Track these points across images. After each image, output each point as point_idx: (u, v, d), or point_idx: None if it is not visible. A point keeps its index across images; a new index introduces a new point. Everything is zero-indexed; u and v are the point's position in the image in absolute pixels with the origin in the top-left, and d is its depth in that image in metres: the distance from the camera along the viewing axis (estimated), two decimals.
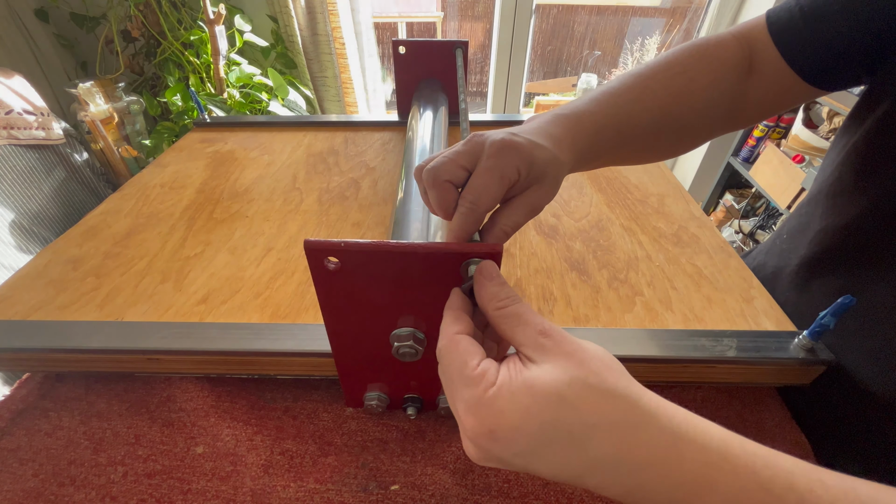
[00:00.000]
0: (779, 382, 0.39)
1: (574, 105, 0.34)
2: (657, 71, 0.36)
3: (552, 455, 0.18)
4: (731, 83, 0.37)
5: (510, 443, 0.19)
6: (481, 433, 0.19)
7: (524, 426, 0.18)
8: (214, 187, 0.59)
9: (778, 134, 1.54)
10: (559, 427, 0.18)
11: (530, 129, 0.30)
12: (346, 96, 1.45)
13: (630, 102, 0.35)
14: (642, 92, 0.35)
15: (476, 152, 0.27)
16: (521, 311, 0.22)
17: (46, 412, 0.38)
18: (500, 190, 0.26)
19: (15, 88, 1.03)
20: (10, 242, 0.97)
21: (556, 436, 0.18)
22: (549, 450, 0.18)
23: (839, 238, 0.38)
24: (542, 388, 0.18)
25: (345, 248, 0.24)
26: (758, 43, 0.37)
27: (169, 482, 0.34)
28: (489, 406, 0.19)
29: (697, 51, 0.37)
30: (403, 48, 0.66)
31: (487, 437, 0.19)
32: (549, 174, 0.28)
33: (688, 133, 0.39)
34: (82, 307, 0.41)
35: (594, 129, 0.32)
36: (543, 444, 0.18)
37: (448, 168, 0.26)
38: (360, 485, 0.34)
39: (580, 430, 0.18)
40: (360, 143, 0.70)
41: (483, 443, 0.19)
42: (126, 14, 1.24)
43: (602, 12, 2.06)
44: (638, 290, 0.43)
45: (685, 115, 0.37)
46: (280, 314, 0.40)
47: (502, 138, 0.27)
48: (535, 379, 0.19)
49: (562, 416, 0.18)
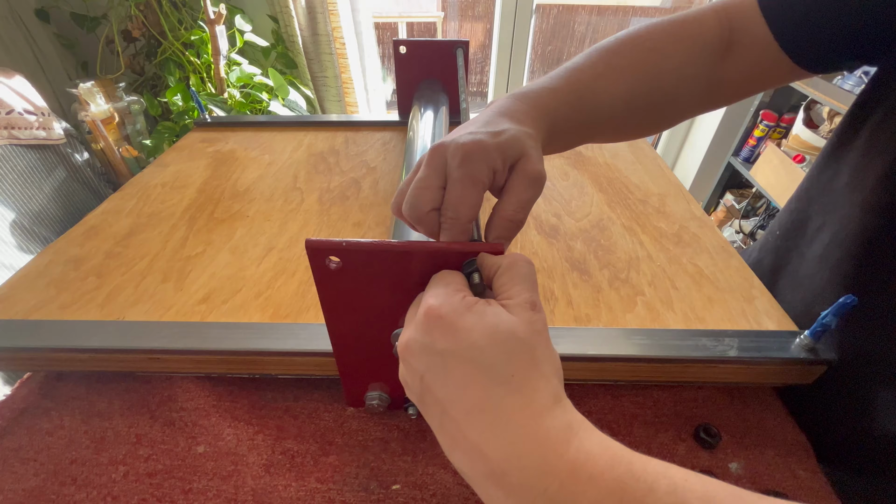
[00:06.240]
0: (780, 382, 0.39)
1: (534, 83, 0.33)
2: (625, 46, 0.35)
3: (468, 370, 0.19)
4: (706, 62, 0.36)
5: (456, 334, 0.20)
6: (440, 316, 0.20)
7: (480, 329, 0.20)
8: (215, 187, 0.59)
9: (778, 134, 1.54)
10: (496, 355, 0.19)
11: (489, 116, 0.29)
12: (347, 96, 1.45)
13: (593, 79, 0.33)
14: (606, 68, 0.34)
15: (441, 166, 0.26)
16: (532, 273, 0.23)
17: (47, 411, 0.38)
18: (477, 196, 0.25)
19: (16, 88, 1.04)
20: (11, 242, 0.97)
21: (490, 360, 0.19)
22: (470, 364, 0.19)
23: (838, 237, 0.38)
24: (504, 324, 0.20)
25: (346, 247, 0.24)
26: (743, 18, 0.36)
27: (170, 481, 0.34)
28: (464, 305, 0.21)
29: (672, 27, 0.36)
30: (404, 48, 0.66)
31: (444, 323, 0.20)
32: (526, 146, 0.27)
33: (658, 112, 0.37)
34: (83, 307, 0.41)
35: (555, 104, 0.31)
36: (472, 357, 0.19)
37: (424, 198, 0.25)
38: (362, 484, 0.34)
39: (505, 372, 0.19)
40: (360, 143, 0.70)
41: (434, 325, 0.20)
42: (127, 14, 1.24)
43: (602, 12, 2.06)
44: (639, 289, 0.43)
45: (654, 94, 0.35)
46: (281, 314, 0.40)
47: (463, 143, 0.25)
48: (502, 317, 0.20)
49: (499, 352, 0.19)
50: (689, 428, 0.37)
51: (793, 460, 0.35)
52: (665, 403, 0.39)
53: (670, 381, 0.39)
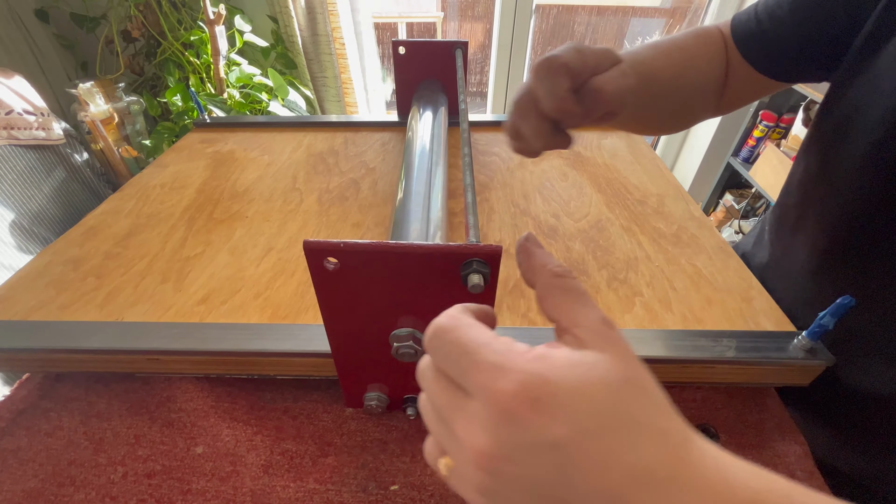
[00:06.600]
0: (778, 382, 0.39)
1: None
2: (662, 46, 0.41)
3: (604, 445, 0.14)
4: (720, 68, 0.42)
5: (565, 410, 0.14)
6: (517, 397, 0.14)
7: (587, 391, 0.14)
8: (214, 187, 0.59)
9: (778, 134, 1.54)
10: (618, 414, 0.14)
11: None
12: (346, 96, 1.45)
13: (653, 59, 0.39)
14: (659, 55, 0.40)
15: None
16: (584, 291, 0.19)
17: (46, 412, 0.38)
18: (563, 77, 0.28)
19: (15, 88, 1.04)
20: (11, 242, 0.97)
21: (614, 422, 0.14)
22: (602, 438, 0.14)
23: (826, 234, 0.38)
24: (604, 370, 0.15)
25: (344, 248, 0.24)
26: (728, 40, 0.42)
27: (169, 482, 0.34)
28: (538, 362, 0.15)
29: (695, 34, 0.42)
30: (403, 48, 0.66)
31: (528, 405, 0.14)
32: (602, 53, 0.30)
33: (684, 108, 0.43)
34: (82, 307, 0.41)
35: (632, 63, 0.36)
36: (600, 427, 0.14)
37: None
38: (360, 485, 0.34)
39: (636, 428, 0.14)
40: (360, 144, 0.70)
41: (520, 412, 0.14)
42: (126, 14, 1.24)
43: (602, 12, 2.06)
44: (637, 290, 0.43)
45: (687, 88, 0.41)
46: (280, 314, 0.40)
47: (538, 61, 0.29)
48: (598, 362, 0.15)
49: (622, 406, 0.15)
50: None
51: (791, 460, 0.35)
52: None
53: (669, 382, 0.39)
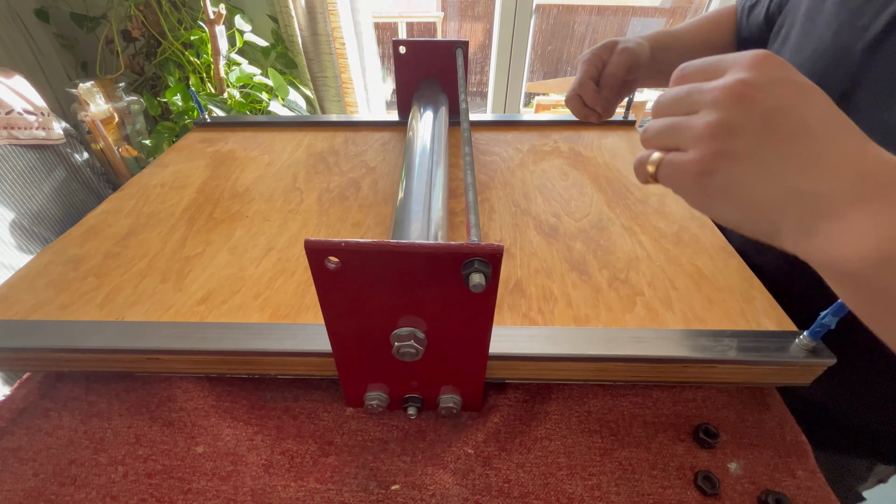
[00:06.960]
0: (779, 382, 0.39)
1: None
2: (692, 22, 0.55)
3: (811, 101, 0.21)
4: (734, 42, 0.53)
5: (792, 69, 0.22)
6: (770, 55, 0.22)
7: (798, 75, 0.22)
8: (215, 187, 0.59)
9: None
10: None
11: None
12: (347, 96, 1.45)
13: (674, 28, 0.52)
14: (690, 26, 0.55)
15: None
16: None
17: (47, 412, 0.38)
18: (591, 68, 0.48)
19: (15, 88, 1.03)
20: (11, 242, 0.97)
21: (810, 94, 0.22)
22: (807, 100, 0.21)
23: None
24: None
25: (345, 247, 0.24)
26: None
27: (169, 482, 0.34)
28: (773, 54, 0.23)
29: (718, 11, 0.55)
30: (404, 48, 0.66)
31: (778, 61, 0.22)
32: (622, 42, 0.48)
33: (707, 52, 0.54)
34: (82, 307, 0.41)
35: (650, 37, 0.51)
36: (806, 91, 0.21)
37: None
38: (361, 485, 0.34)
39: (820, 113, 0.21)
40: (360, 143, 0.70)
41: (772, 59, 0.22)
42: (126, 14, 1.24)
43: (602, 12, 2.06)
44: (638, 289, 0.43)
45: (706, 35, 0.55)
46: (280, 314, 0.40)
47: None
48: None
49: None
50: (688, 428, 0.37)
51: (792, 460, 0.35)
52: (664, 403, 0.39)
53: (670, 381, 0.39)
